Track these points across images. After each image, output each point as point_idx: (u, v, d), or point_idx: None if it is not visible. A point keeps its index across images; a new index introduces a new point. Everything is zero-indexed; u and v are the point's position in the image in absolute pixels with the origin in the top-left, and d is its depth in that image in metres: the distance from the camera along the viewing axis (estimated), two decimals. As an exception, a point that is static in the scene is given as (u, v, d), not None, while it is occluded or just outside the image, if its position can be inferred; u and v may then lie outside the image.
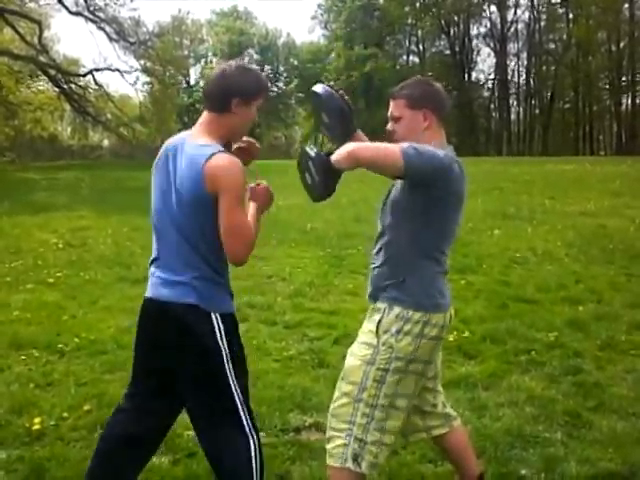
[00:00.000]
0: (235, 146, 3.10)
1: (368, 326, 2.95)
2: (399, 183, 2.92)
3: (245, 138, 3.13)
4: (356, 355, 2.93)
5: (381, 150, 2.72)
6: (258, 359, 5.41)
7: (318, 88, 3.06)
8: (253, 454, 2.85)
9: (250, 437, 2.87)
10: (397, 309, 2.86)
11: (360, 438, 2.86)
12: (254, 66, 3.00)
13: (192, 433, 3.39)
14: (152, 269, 2.98)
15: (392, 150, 2.69)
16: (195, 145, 2.82)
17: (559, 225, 12.66)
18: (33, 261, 9.85)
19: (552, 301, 7.32)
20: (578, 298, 7.38)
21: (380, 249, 2.99)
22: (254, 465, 2.84)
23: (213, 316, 2.84)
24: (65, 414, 4.44)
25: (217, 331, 2.83)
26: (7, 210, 15.50)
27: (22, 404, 4.58)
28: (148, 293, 2.97)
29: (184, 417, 3.13)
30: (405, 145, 2.72)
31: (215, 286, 2.89)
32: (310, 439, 4.11)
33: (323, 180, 2.79)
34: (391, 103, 3.01)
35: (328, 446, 2.94)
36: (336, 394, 2.98)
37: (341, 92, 3.04)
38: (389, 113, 3.02)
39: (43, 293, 7.92)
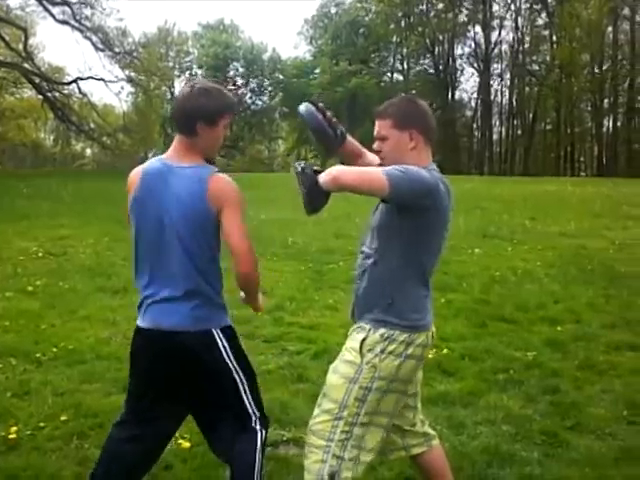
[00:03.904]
0: None
1: (351, 344, 2.93)
2: (384, 206, 2.90)
3: None
4: (339, 372, 2.92)
5: (365, 175, 2.71)
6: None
7: (301, 108, 3.03)
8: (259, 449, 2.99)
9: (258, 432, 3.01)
10: (382, 330, 2.85)
11: (338, 455, 2.86)
12: (217, 85, 2.99)
13: (169, 446, 3.37)
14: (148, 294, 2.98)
15: (377, 175, 2.66)
16: (187, 167, 2.88)
17: (539, 245, 12.72)
18: (12, 269, 9.77)
19: (531, 321, 7.34)
20: (557, 318, 7.40)
21: (364, 271, 2.95)
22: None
23: (216, 336, 2.93)
24: (42, 424, 4.40)
25: (223, 351, 2.93)
26: (-13, 217, 15.36)
27: (-2, 413, 4.53)
28: (146, 322, 2.97)
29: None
30: (389, 168, 2.70)
31: (215, 307, 3.03)
32: (288, 454, 4.10)
33: (308, 195, 2.80)
34: (377, 122, 2.96)
35: (306, 462, 2.94)
36: (316, 411, 2.97)
37: (321, 106, 2.99)
38: (375, 133, 2.97)
39: (22, 301, 7.86)
